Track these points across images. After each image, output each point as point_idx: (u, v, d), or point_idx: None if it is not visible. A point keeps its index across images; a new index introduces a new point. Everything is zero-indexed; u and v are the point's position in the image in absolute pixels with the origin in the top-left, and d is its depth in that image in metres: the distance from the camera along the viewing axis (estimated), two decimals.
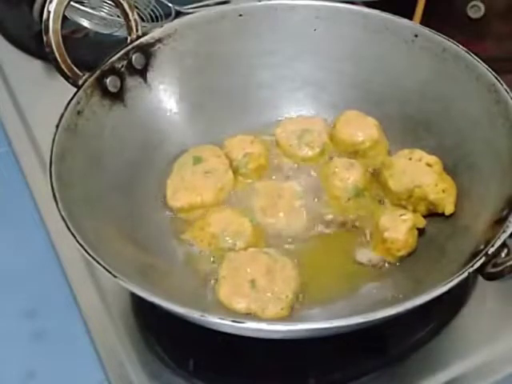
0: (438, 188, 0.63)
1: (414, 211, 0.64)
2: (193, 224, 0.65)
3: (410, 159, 0.65)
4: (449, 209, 0.63)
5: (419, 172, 0.63)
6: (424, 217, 0.64)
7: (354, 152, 0.69)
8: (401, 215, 0.62)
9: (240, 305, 0.57)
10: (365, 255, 0.62)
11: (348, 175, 0.65)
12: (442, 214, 0.63)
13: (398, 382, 0.58)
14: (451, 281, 0.50)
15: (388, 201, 0.65)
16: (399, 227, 0.61)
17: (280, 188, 0.66)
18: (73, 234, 0.53)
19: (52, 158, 0.58)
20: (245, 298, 0.57)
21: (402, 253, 0.61)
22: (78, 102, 0.62)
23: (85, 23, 0.84)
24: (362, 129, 0.68)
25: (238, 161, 0.68)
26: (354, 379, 0.58)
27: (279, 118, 0.72)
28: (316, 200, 0.66)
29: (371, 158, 0.68)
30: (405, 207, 0.64)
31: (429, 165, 0.64)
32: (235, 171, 0.68)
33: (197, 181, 0.66)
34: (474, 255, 0.52)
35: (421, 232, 0.63)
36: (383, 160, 0.67)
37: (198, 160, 0.67)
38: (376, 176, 0.67)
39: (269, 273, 0.58)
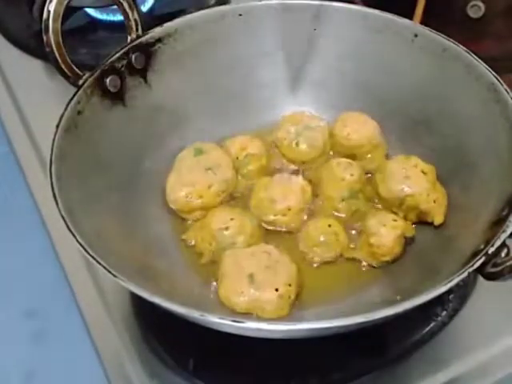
0: (429, 198, 0.63)
1: (405, 218, 0.64)
2: (193, 224, 0.65)
3: (405, 165, 0.64)
4: (438, 219, 0.63)
5: (412, 180, 0.63)
6: (416, 223, 0.64)
7: (352, 154, 0.69)
8: (392, 220, 0.62)
9: (240, 304, 0.57)
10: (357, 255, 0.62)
11: (344, 176, 0.65)
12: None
13: (397, 382, 0.58)
14: (451, 281, 0.50)
15: (380, 205, 0.65)
16: (387, 233, 0.61)
17: (281, 184, 0.66)
18: (73, 234, 0.53)
19: (52, 157, 0.58)
20: (244, 296, 0.57)
21: (386, 258, 0.61)
22: (78, 102, 0.62)
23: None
24: (361, 131, 0.68)
25: (239, 161, 0.68)
26: (354, 379, 0.58)
27: (279, 118, 0.72)
28: (313, 199, 0.66)
29: (369, 161, 0.68)
30: (396, 213, 0.64)
31: (423, 172, 0.63)
32: (236, 171, 0.68)
33: (197, 179, 0.65)
34: (474, 255, 0.52)
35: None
36: (379, 163, 0.67)
37: (199, 152, 0.67)
38: (371, 179, 0.67)
39: (269, 271, 0.58)
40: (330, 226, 0.63)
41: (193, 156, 0.67)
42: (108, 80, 0.65)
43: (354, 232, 0.64)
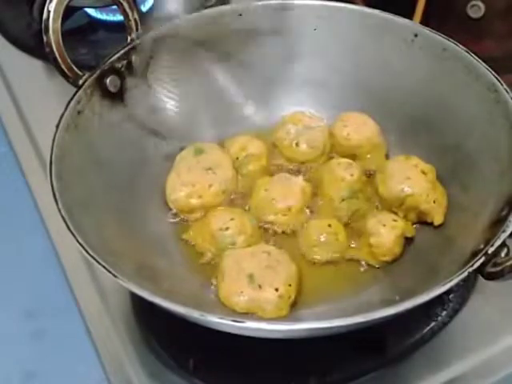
0: (429, 198, 0.63)
1: (405, 218, 0.63)
2: (193, 224, 0.65)
3: (406, 165, 0.64)
4: (438, 219, 0.63)
5: (412, 180, 0.63)
6: (416, 223, 0.64)
7: (352, 154, 0.68)
8: (392, 220, 0.62)
9: (239, 304, 0.57)
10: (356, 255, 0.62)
11: (344, 176, 0.65)
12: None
13: (398, 382, 0.58)
14: (451, 280, 0.50)
15: (380, 205, 0.65)
16: (387, 233, 0.61)
17: (281, 184, 0.65)
18: (73, 234, 0.53)
19: (52, 157, 0.58)
20: (244, 295, 0.57)
21: (386, 258, 0.61)
22: (78, 102, 0.62)
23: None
24: (361, 131, 0.68)
25: (239, 162, 0.68)
26: (354, 379, 0.58)
27: (279, 118, 0.72)
28: (313, 199, 0.65)
29: (369, 161, 0.68)
30: (396, 213, 0.64)
31: (423, 172, 0.63)
32: (236, 171, 0.67)
33: (197, 179, 0.65)
34: (474, 255, 0.52)
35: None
36: (379, 164, 0.67)
37: (199, 151, 0.66)
38: (371, 179, 0.67)
39: (269, 271, 0.58)
40: (329, 225, 0.62)
41: (193, 156, 0.67)
42: (108, 80, 0.65)
43: (354, 232, 0.64)
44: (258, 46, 0.72)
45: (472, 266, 0.51)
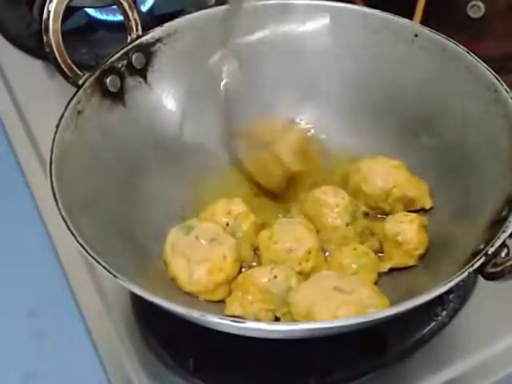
0: (413, 185, 0.64)
1: (391, 212, 0.64)
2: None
3: (377, 162, 0.65)
4: (427, 202, 0.63)
5: (390, 173, 0.64)
6: None
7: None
8: (404, 216, 0.61)
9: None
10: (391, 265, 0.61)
11: (337, 202, 0.62)
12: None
13: (398, 382, 0.58)
14: (451, 281, 0.50)
15: (365, 205, 0.65)
16: (409, 227, 0.60)
17: (286, 231, 0.61)
18: (73, 234, 0.53)
19: (52, 158, 0.58)
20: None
21: (420, 251, 0.61)
22: (78, 102, 0.62)
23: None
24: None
25: (231, 227, 0.62)
26: (354, 379, 0.58)
27: (279, 118, 0.72)
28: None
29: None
30: (382, 209, 0.64)
31: (395, 167, 0.64)
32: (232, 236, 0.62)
33: (209, 253, 0.59)
34: (474, 255, 0.52)
35: None
36: (352, 167, 0.66)
37: (188, 229, 0.61)
38: (345, 184, 0.66)
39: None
40: (355, 249, 0.61)
41: (185, 235, 0.60)
42: (108, 80, 0.65)
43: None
44: (257, 46, 0.72)
45: (472, 266, 0.51)
